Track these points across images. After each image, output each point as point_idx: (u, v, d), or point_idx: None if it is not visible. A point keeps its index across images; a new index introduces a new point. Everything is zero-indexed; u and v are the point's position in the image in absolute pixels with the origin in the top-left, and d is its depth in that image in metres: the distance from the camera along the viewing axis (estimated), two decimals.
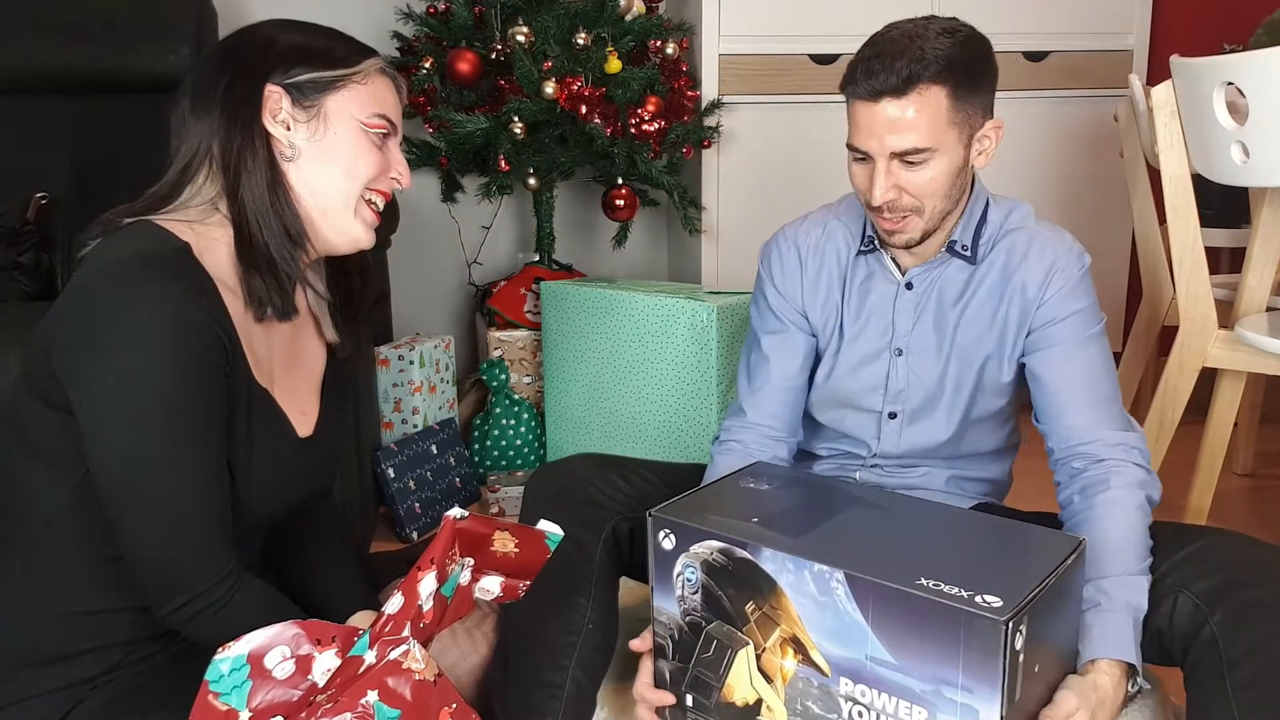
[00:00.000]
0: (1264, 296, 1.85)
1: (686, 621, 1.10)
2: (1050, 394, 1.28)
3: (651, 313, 2.12)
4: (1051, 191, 2.79)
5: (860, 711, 0.98)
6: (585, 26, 2.29)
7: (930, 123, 1.17)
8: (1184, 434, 1.87)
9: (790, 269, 1.39)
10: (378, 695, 0.87)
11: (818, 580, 0.98)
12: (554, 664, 1.16)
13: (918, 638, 0.93)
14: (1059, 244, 1.29)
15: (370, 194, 1.09)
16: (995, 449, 1.38)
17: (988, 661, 0.89)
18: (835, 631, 0.98)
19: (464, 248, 2.81)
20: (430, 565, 0.92)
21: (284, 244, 1.04)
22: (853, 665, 0.98)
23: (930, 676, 0.93)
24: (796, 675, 1.02)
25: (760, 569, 1.02)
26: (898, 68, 1.16)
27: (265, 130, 1.04)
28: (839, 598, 0.97)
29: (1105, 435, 1.24)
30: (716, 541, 1.05)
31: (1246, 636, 1.01)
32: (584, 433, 2.28)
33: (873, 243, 1.33)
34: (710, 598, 1.07)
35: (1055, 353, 1.27)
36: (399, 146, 1.12)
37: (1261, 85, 1.55)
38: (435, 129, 2.41)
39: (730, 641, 1.06)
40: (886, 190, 1.21)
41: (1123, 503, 1.17)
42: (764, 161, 2.65)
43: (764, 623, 1.03)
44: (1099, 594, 1.09)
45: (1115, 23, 2.73)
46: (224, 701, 0.87)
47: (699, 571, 1.07)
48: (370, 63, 1.08)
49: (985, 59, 1.22)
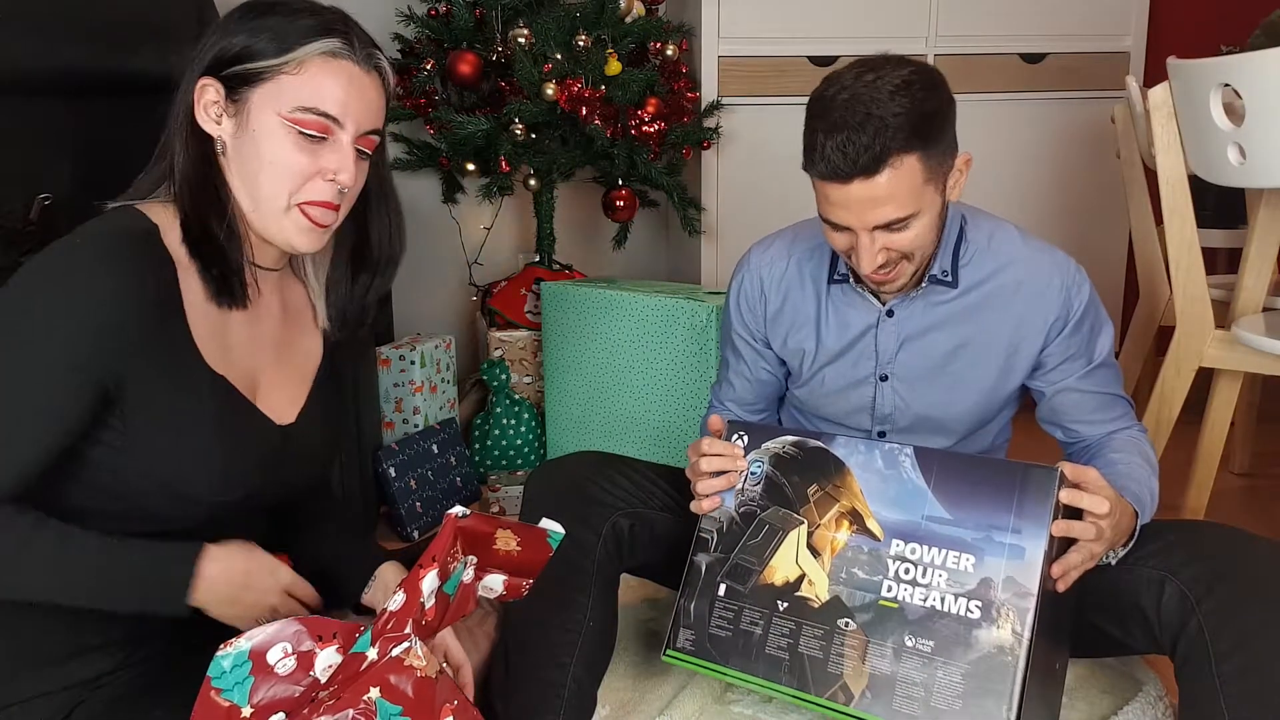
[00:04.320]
0: (1260, 297, 1.86)
1: (740, 513, 1.20)
2: (1067, 412, 1.32)
3: (651, 313, 2.12)
4: (1048, 193, 2.80)
5: (908, 569, 1.09)
6: (585, 28, 2.29)
7: (907, 191, 1.12)
8: (1181, 434, 1.87)
9: (754, 299, 1.39)
10: (380, 691, 0.87)
11: (886, 457, 1.13)
12: (555, 662, 1.17)
13: (974, 494, 1.07)
14: (1059, 273, 1.26)
15: (305, 204, 1.00)
16: (989, 448, 1.40)
17: (1040, 504, 1.04)
18: (896, 499, 1.11)
19: (464, 248, 2.81)
20: (432, 563, 0.92)
21: (216, 240, 1.00)
22: (908, 526, 1.10)
23: (983, 525, 1.06)
24: (848, 545, 1.13)
25: (830, 454, 1.17)
26: (863, 146, 1.09)
27: (197, 125, 1.00)
28: (905, 469, 1.12)
29: (1122, 429, 1.32)
30: (790, 437, 1.20)
31: (1233, 629, 1.02)
32: (584, 433, 2.28)
33: (845, 276, 1.31)
34: (772, 486, 1.19)
35: (1072, 381, 1.30)
36: (350, 144, 1.00)
37: (1258, 87, 1.56)
38: (436, 130, 2.42)
39: (783, 524, 1.17)
40: (875, 259, 1.17)
41: (1130, 444, 1.28)
42: (763, 163, 2.66)
43: (824, 502, 1.15)
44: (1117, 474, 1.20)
45: (1112, 24, 2.74)
46: (226, 698, 0.87)
47: (765, 465, 1.19)
48: (309, 49, 0.97)
49: (941, 100, 1.15)
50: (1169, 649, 1.09)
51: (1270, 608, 1.02)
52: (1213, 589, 1.05)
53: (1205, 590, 1.05)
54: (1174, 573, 1.08)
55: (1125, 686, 1.34)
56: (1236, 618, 1.02)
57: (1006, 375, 1.30)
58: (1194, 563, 1.08)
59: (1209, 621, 1.03)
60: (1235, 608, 1.03)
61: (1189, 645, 1.05)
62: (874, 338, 1.31)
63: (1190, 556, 1.09)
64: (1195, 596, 1.05)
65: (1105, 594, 1.13)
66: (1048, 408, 1.32)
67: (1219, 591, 1.04)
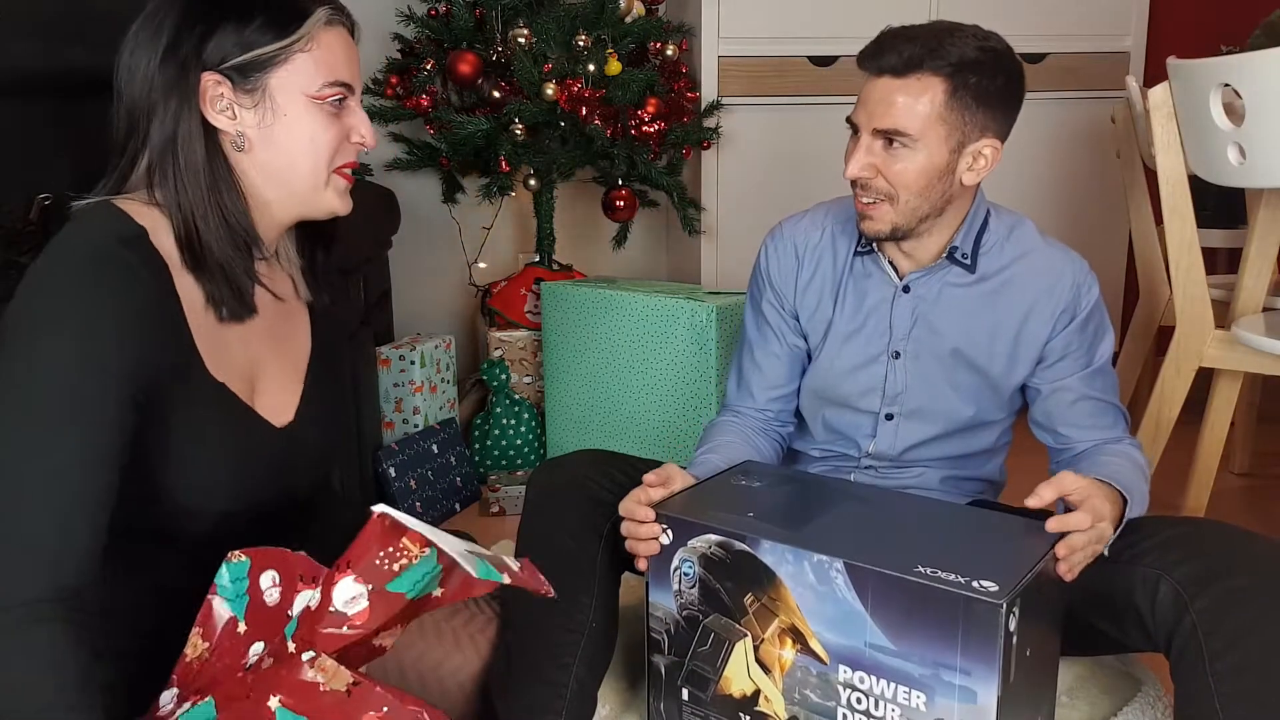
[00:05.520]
0: (1260, 296, 1.86)
1: (683, 616, 1.11)
2: (1060, 413, 1.32)
3: (651, 313, 2.12)
4: (1049, 193, 2.80)
5: (859, 698, 1.00)
6: (585, 28, 2.29)
7: (918, 111, 1.18)
8: (1181, 434, 1.87)
9: (787, 268, 1.40)
10: (279, 701, 0.83)
11: (817, 570, 1.00)
12: (557, 662, 1.17)
13: (916, 623, 0.95)
14: (1073, 270, 1.30)
15: (337, 166, 1.01)
16: (988, 448, 1.39)
17: (986, 643, 0.92)
18: (834, 620, 1.00)
19: (464, 248, 2.81)
20: (346, 568, 0.85)
21: (230, 248, 0.96)
22: (852, 653, 1.00)
23: (929, 661, 0.95)
24: (795, 664, 1.04)
25: (759, 561, 1.04)
26: (906, 50, 1.17)
27: (207, 123, 0.94)
28: (838, 586, 0.99)
29: (1114, 440, 1.31)
30: (715, 535, 1.07)
31: (1227, 627, 1.02)
32: (584, 433, 2.28)
33: (870, 244, 1.34)
34: (708, 591, 1.08)
35: (1070, 381, 1.31)
36: (358, 103, 1.01)
37: (1258, 87, 1.56)
38: (436, 130, 2.42)
39: (728, 634, 1.08)
40: (862, 166, 1.22)
41: (1120, 451, 1.26)
42: (763, 162, 2.66)
43: (762, 614, 1.05)
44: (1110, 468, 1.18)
45: (1113, 24, 2.74)
46: (229, 608, 0.85)
47: (696, 566, 1.08)
48: (312, 22, 0.95)
49: (1007, 79, 1.21)
50: (1164, 648, 1.09)
51: (1263, 606, 1.02)
52: (1206, 588, 1.05)
53: (1199, 589, 1.05)
54: (1168, 571, 1.08)
55: (1125, 686, 1.34)
56: (1230, 616, 1.02)
57: (1012, 365, 1.30)
58: (1189, 561, 1.08)
59: (1202, 620, 1.03)
60: (1228, 606, 1.03)
61: (1183, 644, 1.05)
62: (889, 312, 1.32)
63: (1185, 555, 1.08)
64: (1189, 595, 1.05)
65: (1101, 593, 1.13)
66: (1042, 409, 1.32)
67: (1212, 590, 1.04)
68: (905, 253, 1.31)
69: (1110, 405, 1.32)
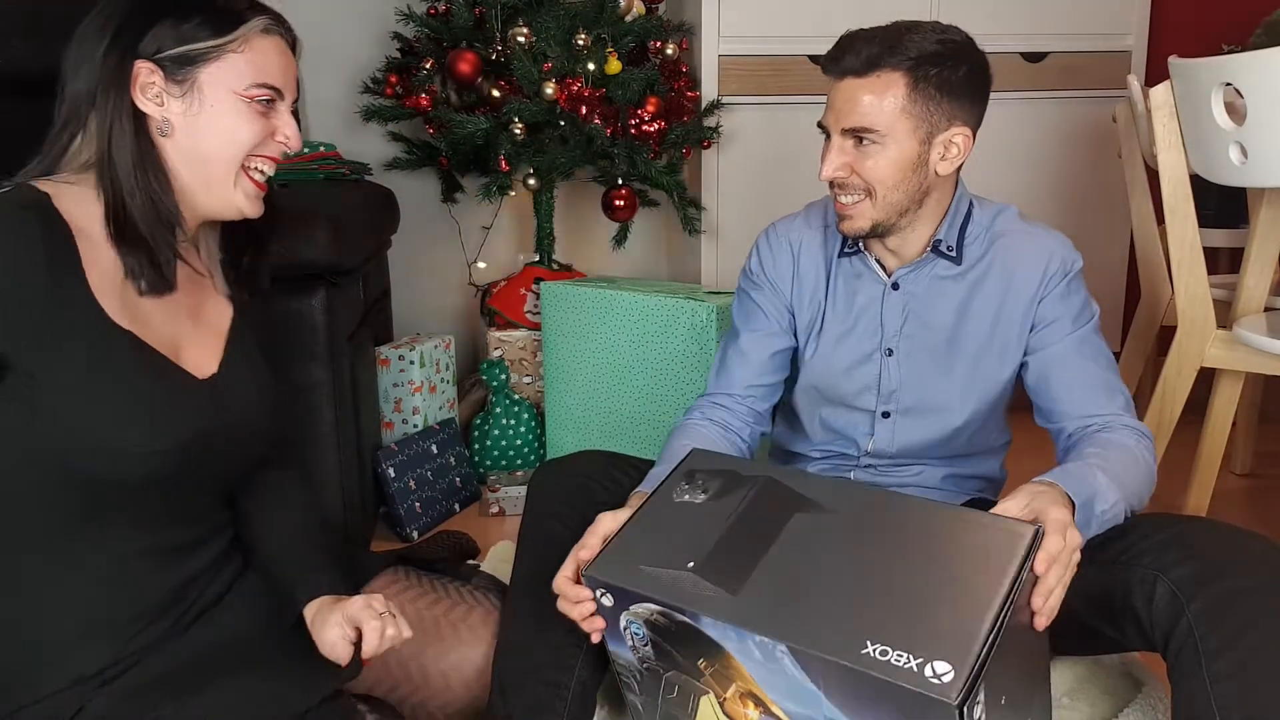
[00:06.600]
0: (1262, 296, 1.86)
1: (644, 668, 1.08)
2: (1053, 380, 1.29)
3: (651, 313, 2.12)
4: (1050, 192, 2.80)
5: None
6: (585, 27, 2.29)
7: (884, 107, 1.20)
8: (1182, 434, 1.87)
9: (783, 265, 1.40)
10: None
11: (762, 649, 0.94)
12: (560, 664, 1.16)
13: (869, 706, 0.89)
14: (1054, 242, 1.31)
15: (255, 161, 1.06)
16: (988, 446, 1.39)
17: None
18: (789, 692, 0.95)
19: (464, 248, 2.81)
20: None
21: (154, 223, 1.01)
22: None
23: None
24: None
25: (704, 634, 0.97)
26: (865, 50, 1.20)
27: (135, 107, 1.00)
28: (786, 666, 0.93)
29: (1114, 416, 1.27)
30: (654, 605, 1.00)
31: (1223, 627, 1.02)
32: (584, 433, 2.28)
33: (857, 244, 1.34)
34: (661, 651, 1.04)
35: (1062, 347, 1.29)
36: (289, 110, 1.08)
37: (1260, 86, 1.55)
38: (436, 130, 2.41)
39: (692, 689, 1.04)
40: (836, 166, 1.25)
41: (1124, 443, 1.21)
42: (763, 162, 2.65)
43: (719, 677, 1.00)
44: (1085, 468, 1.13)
45: (1114, 23, 2.73)
46: None
47: (643, 629, 1.04)
48: (248, 27, 1.02)
49: (971, 69, 1.22)
50: (1161, 648, 1.09)
51: (1260, 607, 1.02)
52: (1203, 588, 1.04)
53: (1195, 590, 1.05)
54: (1165, 571, 1.08)
55: (1126, 688, 1.33)
56: (1227, 617, 1.02)
57: (1005, 346, 1.30)
58: (1185, 562, 1.07)
59: (1198, 621, 1.03)
60: (1225, 607, 1.03)
61: (1180, 645, 1.05)
62: (879, 310, 1.33)
63: (1182, 556, 1.08)
64: (1186, 596, 1.05)
65: (1098, 593, 1.13)
66: (1035, 375, 1.30)
67: (1209, 591, 1.04)
68: (890, 250, 1.32)
69: (1102, 376, 1.29)
